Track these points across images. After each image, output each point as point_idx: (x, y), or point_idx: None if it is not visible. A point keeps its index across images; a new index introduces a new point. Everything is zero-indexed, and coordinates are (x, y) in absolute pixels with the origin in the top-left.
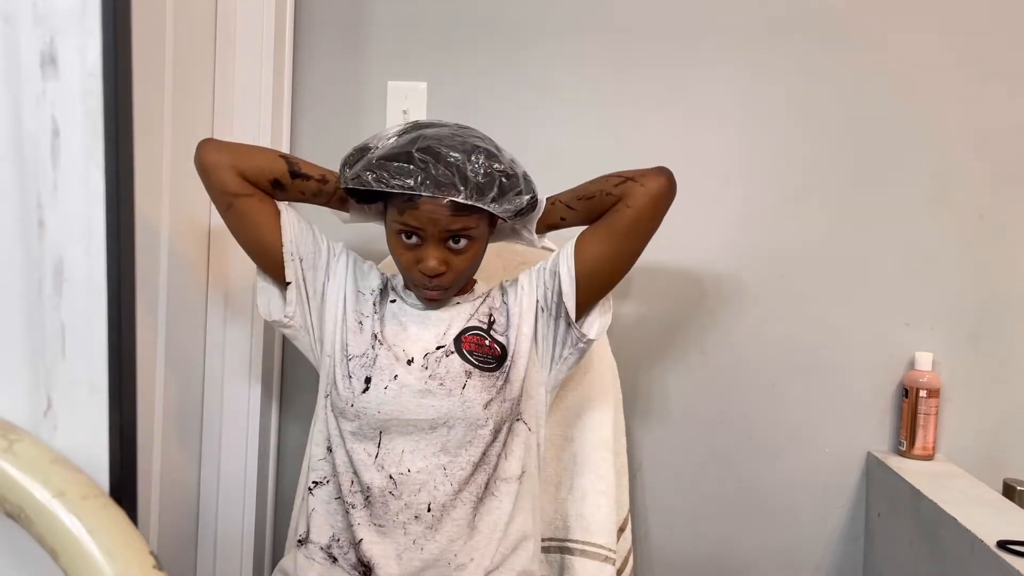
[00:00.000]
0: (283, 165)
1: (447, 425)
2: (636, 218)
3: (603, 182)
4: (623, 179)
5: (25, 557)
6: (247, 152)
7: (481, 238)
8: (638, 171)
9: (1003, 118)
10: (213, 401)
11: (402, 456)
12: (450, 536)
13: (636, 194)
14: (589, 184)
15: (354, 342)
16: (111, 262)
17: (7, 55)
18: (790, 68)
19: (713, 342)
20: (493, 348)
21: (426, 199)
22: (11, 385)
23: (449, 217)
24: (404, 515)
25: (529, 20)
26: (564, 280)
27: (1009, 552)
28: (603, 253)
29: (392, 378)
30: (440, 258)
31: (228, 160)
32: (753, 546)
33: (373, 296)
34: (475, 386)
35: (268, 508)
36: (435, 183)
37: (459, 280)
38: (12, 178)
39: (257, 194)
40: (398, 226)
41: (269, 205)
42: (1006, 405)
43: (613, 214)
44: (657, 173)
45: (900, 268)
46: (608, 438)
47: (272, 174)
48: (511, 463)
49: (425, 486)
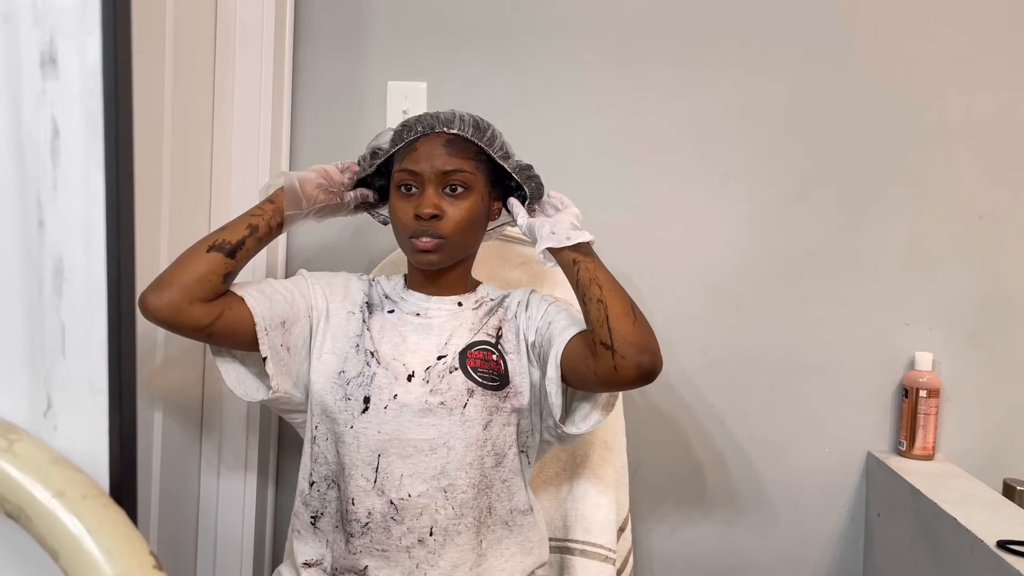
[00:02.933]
0: (218, 256)
1: (447, 446)
2: (606, 384)
3: (589, 307)
4: (604, 342)
5: (25, 557)
6: (186, 272)
7: (477, 192)
8: (619, 335)
9: (1003, 118)
10: (213, 400)
11: (401, 480)
12: (454, 561)
13: (607, 367)
14: (582, 293)
15: (350, 365)
16: (111, 262)
17: (7, 55)
18: (790, 68)
19: (713, 342)
20: (499, 365)
21: (423, 140)
22: (11, 385)
23: (445, 156)
24: (407, 539)
25: (529, 20)
26: (550, 378)
27: (1009, 552)
28: (584, 382)
29: (392, 398)
30: (435, 202)
31: (182, 296)
32: (753, 546)
33: (362, 312)
34: (476, 405)
35: (268, 508)
36: (431, 122)
37: (456, 239)
38: (12, 178)
39: (224, 306)
40: (399, 177)
41: (237, 307)
42: (1006, 405)
43: (593, 357)
44: (638, 354)
45: (900, 268)
46: (608, 438)
47: (218, 273)
48: (520, 493)
49: (427, 509)
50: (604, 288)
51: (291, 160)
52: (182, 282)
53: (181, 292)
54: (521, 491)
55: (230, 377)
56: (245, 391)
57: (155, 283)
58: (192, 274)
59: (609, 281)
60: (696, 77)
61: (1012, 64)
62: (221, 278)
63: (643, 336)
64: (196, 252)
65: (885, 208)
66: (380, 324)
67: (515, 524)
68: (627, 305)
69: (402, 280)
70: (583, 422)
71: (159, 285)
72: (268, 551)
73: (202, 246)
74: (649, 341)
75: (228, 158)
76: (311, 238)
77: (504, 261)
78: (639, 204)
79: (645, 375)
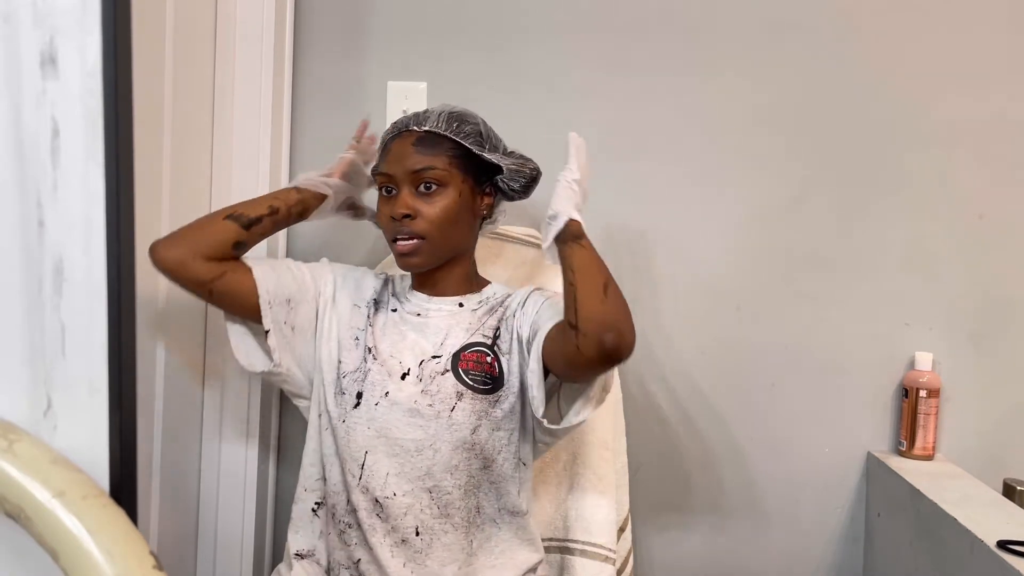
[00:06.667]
0: (233, 226)
1: (433, 447)
2: (574, 367)
3: (565, 293)
4: (570, 322)
5: (25, 557)
6: (198, 232)
7: (453, 187)
8: (583, 314)
9: (1003, 118)
10: (213, 400)
11: (386, 479)
12: (441, 561)
13: (571, 347)
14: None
15: (348, 358)
16: (111, 262)
17: (7, 55)
18: (790, 68)
19: (713, 342)
20: (493, 367)
21: (395, 141)
22: (11, 385)
23: (414, 155)
24: (392, 538)
25: (529, 20)
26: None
27: (1009, 552)
28: (558, 370)
29: (383, 395)
30: (408, 203)
31: (188, 251)
32: (753, 546)
33: (368, 308)
34: (464, 409)
35: (268, 507)
36: (404, 122)
37: (435, 238)
38: (12, 178)
39: (228, 268)
40: (379, 181)
41: (241, 272)
42: (1006, 405)
43: (562, 340)
44: (600, 331)
45: (900, 268)
46: (608, 438)
47: (229, 240)
48: (512, 496)
49: (411, 509)
50: (576, 271)
51: (291, 160)
52: (193, 240)
53: (189, 248)
54: (512, 493)
55: (237, 344)
56: (249, 360)
57: (169, 237)
58: (204, 235)
59: (583, 262)
60: (696, 77)
61: (1012, 64)
62: (231, 245)
63: (609, 314)
64: (214, 218)
65: (885, 208)
66: (383, 321)
67: (505, 524)
68: (598, 285)
69: (410, 279)
70: (575, 416)
71: (171, 239)
72: (268, 551)
73: (221, 213)
74: (616, 320)
75: (228, 158)
76: (316, 238)
77: (505, 261)
78: (639, 204)
79: (608, 353)
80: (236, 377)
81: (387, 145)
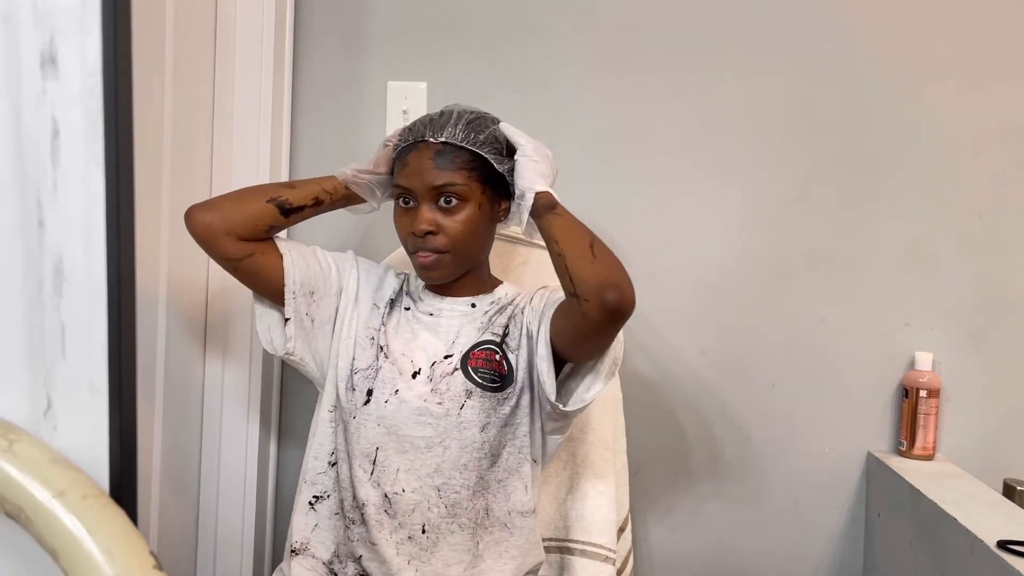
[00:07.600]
0: (272, 209)
1: (442, 445)
2: (584, 335)
3: (555, 266)
4: (569, 291)
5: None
6: (236, 208)
7: (473, 201)
8: (579, 279)
9: (1003, 118)
10: (213, 400)
11: (397, 475)
12: (446, 560)
13: (577, 315)
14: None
15: (361, 356)
16: (111, 262)
17: (7, 55)
18: (790, 68)
19: (713, 342)
20: (502, 365)
21: (413, 153)
22: (11, 385)
23: (434, 171)
24: (398, 535)
25: (529, 20)
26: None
27: (1009, 552)
28: (570, 348)
29: (393, 392)
30: (429, 218)
31: (221, 225)
32: (753, 546)
33: (384, 308)
34: (473, 407)
35: (268, 507)
36: (421, 130)
37: (457, 251)
38: (12, 178)
39: (258, 249)
40: (396, 191)
41: (271, 255)
42: (1006, 405)
43: (568, 312)
44: (600, 291)
45: (900, 268)
46: (608, 438)
47: (265, 223)
48: (520, 494)
49: (419, 507)
50: (559, 240)
51: (291, 160)
52: (228, 214)
53: (223, 221)
54: (520, 492)
55: (262, 323)
56: (271, 340)
57: (206, 203)
58: (241, 211)
59: (563, 230)
60: (696, 77)
61: (1013, 64)
62: (266, 228)
63: (603, 272)
64: (256, 195)
65: (885, 208)
66: (396, 321)
67: (515, 526)
68: (584, 247)
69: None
70: (586, 392)
71: (208, 206)
72: (268, 551)
73: (264, 194)
74: (611, 275)
75: (228, 158)
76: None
77: (506, 261)
78: (639, 204)
79: (613, 311)
80: (236, 376)
81: (403, 155)
